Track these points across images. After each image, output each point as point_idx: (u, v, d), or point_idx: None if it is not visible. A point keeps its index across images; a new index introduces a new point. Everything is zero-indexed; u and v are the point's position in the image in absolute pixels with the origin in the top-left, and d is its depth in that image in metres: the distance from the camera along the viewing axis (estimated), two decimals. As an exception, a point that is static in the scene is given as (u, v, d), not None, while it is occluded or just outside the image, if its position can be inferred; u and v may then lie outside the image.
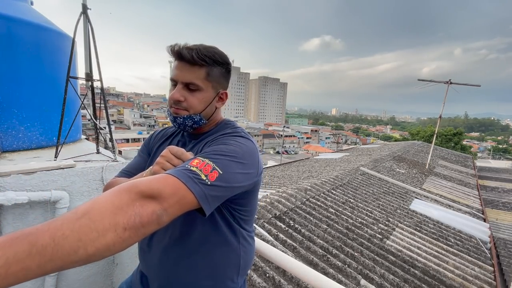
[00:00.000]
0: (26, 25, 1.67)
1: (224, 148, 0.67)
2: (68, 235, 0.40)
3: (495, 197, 6.67)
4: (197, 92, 0.79)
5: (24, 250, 0.37)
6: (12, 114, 1.63)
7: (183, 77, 0.77)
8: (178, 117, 0.80)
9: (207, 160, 0.62)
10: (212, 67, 0.78)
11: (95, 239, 0.42)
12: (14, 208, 1.27)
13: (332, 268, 2.12)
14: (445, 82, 7.29)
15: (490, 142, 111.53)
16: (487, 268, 2.82)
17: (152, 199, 0.51)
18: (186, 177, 0.56)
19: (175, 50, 0.75)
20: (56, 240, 0.39)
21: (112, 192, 0.49)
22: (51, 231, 0.40)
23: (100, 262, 1.63)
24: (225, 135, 0.76)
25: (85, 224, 0.42)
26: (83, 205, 0.45)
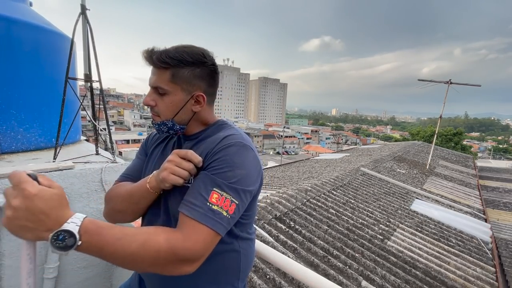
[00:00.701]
0: (24, 26, 1.66)
1: (234, 174, 0.68)
2: (126, 258, 0.59)
3: (496, 197, 6.65)
4: (165, 96, 0.76)
5: (109, 246, 0.57)
6: (10, 116, 1.62)
7: (150, 81, 0.76)
8: (154, 123, 0.80)
9: (225, 194, 0.66)
10: (178, 68, 0.73)
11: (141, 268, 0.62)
12: (12, 210, 1.26)
13: (333, 269, 2.11)
14: (445, 82, 7.28)
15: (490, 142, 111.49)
16: (489, 269, 2.80)
17: (188, 262, 0.61)
18: (213, 222, 0.63)
19: (143, 54, 0.75)
20: (120, 256, 0.59)
21: (154, 249, 0.59)
22: (121, 248, 0.58)
23: (99, 264, 1.62)
24: (226, 146, 0.72)
25: (139, 260, 0.60)
26: (141, 242, 0.59)
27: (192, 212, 0.63)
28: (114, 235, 0.57)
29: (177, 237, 0.61)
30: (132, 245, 0.58)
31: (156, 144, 0.94)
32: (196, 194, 0.66)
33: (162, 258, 0.59)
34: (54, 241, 0.52)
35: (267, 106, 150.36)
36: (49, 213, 0.53)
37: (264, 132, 59.98)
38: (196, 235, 0.62)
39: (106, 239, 0.56)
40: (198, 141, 0.82)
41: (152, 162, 0.89)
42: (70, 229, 0.53)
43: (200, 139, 0.82)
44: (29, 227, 0.53)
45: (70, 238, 0.53)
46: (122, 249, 0.57)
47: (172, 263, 0.60)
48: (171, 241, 0.60)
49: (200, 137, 0.83)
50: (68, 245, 0.53)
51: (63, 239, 0.53)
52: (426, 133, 28.25)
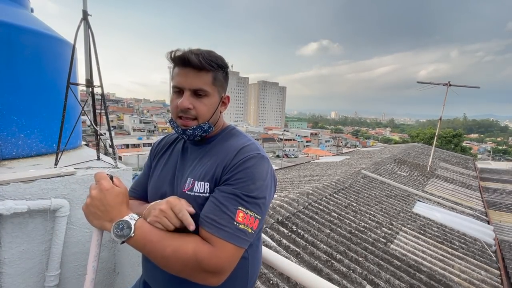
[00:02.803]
0: (26, 32, 1.66)
1: (255, 187, 0.70)
2: (165, 263, 0.67)
3: (498, 198, 6.62)
4: (205, 98, 0.76)
5: (153, 246, 0.66)
6: (11, 121, 1.61)
7: (190, 83, 0.74)
8: (187, 129, 0.76)
9: (249, 212, 0.68)
10: (217, 72, 0.77)
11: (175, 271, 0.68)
12: (13, 217, 1.25)
13: (337, 273, 2.09)
14: (445, 84, 7.31)
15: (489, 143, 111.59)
16: (493, 271, 2.78)
17: (214, 275, 0.65)
18: (240, 240, 0.66)
19: (180, 55, 0.72)
20: (161, 255, 0.66)
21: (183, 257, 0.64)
22: (164, 251, 0.66)
23: (100, 271, 1.60)
24: (245, 159, 0.72)
25: (171, 264, 0.66)
26: (173, 249, 0.65)
27: (220, 232, 0.65)
28: (156, 236, 0.66)
29: (205, 250, 0.64)
30: (166, 250, 0.64)
31: (165, 150, 0.93)
32: (221, 213, 0.67)
33: (189, 267, 0.64)
34: (115, 228, 0.66)
35: (267, 109, 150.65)
36: (114, 206, 0.69)
37: (263, 136, 60.00)
38: (223, 253, 0.65)
39: (150, 238, 0.66)
40: (211, 147, 0.81)
41: (157, 171, 0.88)
42: (129, 221, 0.67)
43: (211, 147, 0.81)
44: (98, 214, 0.69)
45: (127, 228, 0.66)
46: (159, 251, 0.65)
47: (198, 272, 0.64)
48: (198, 253, 0.64)
49: (211, 145, 0.82)
50: (124, 234, 0.65)
51: (122, 228, 0.66)
52: (425, 135, 28.25)
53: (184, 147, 0.88)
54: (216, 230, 0.65)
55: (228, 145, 0.78)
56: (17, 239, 1.28)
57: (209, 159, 0.78)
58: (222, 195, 0.69)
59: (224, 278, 0.66)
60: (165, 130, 55.58)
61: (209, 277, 0.65)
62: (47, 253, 1.38)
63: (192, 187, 0.75)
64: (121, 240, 0.65)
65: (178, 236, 0.67)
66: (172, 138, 0.96)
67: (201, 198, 0.73)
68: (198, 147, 0.84)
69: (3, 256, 1.25)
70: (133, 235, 0.65)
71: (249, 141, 0.79)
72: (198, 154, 0.82)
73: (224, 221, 0.66)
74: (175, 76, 0.76)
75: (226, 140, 0.81)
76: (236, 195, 0.68)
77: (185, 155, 0.85)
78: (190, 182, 0.76)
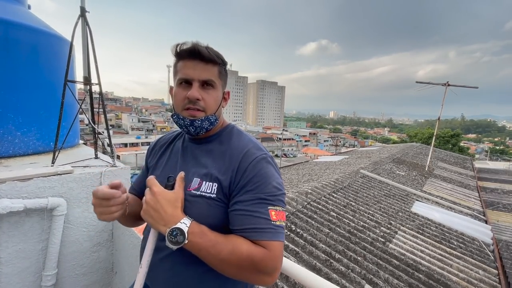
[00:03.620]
0: (23, 29, 1.65)
1: (273, 186, 0.73)
2: (222, 266, 0.68)
3: (496, 198, 6.66)
4: (212, 90, 0.78)
5: (211, 249, 0.67)
6: (8, 119, 1.60)
7: (199, 75, 0.75)
8: (196, 120, 0.76)
9: (278, 207, 0.71)
10: (221, 66, 0.79)
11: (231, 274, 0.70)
12: (10, 216, 1.23)
13: (336, 273, 2.08)
14: (443, 84, 7.33)
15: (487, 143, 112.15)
16: (491, 271, 2.79)
17: (271, 274, 0.67)
18: (281, 235, 0.70)
19: (190, 47, 0.73)
20: (219, 260, 0.67)
21: (239, 258, 0.66)
22: (221, 255, 0.66)
23: (98, 271, 1.59)
24: (255, 162, 0.74)
25: (227, 266, 0.67)
26: (229, 251, 0.66)
27: (266, 235, 0.68)
28: (210, 240, 0.67)
29: (259, 253, 0.66)
30: (222, 252, 0.66)
31: (164, 149, 0.92)
32: (257, 218, 0.69)
33: (245, 268, 0.66)
34: (169, 235, 0.65)
35: (265, 109, 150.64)
36: (166, 209, 0.68)
37: (262, 135, 60.01)
38: (275, 252, 0.67)
39: (205, 243, 0.66)
40: (213, 147, 0.82)
41: (158, 171, 0.88)
42: (182, 228, 0.66)
43: (214, 145, 0.82)
44: (154, 218, 0.69)
45: (181, 236, 0.65)
46: (215, 254, 0.66)
47: (254, 274, 0.66)
48: (253, 256, 0.65)
49: (214, 143, 0.82)
50: (178, 241, 0.65)
51: (175, 235, 0.65)
52: (424, 135, 28.36)
53: (183, 145, 0.87)
54: (262, 235, 0.68)
55: (232, 148, 0.78)
56: (13, 238, 1.26)
57: (213, 159, 0.78)
58: (249, 204, 0.70)
59: (277, 275, 0.69)
60: (163, 129, 55.44)
61: (266, 277, 0.67)
62: (44, 252, 1.37)
63: (199, 186, 0.75)
64: (176, 247, 0.65)
65: (231, 238, 0.69)
66: (170, 136, 0.95)
67: (206, 197, 0.73)
68: (199, 145, 0.83)
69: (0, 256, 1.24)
70: (187, 242, 0.66)
71: (251, 142, 0.79)
72: (200, 152, 0.82)
73: (263, 225, 0.68)
74: (182, 68, 0.76)
75: (229, 141, 0.81)
76: (261, 198, 0.70)
77: (186, 153, 0.85)
78: (197, 181, 0.76)
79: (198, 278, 0.75)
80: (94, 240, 1.57)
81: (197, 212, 0.72)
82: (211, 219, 0.72)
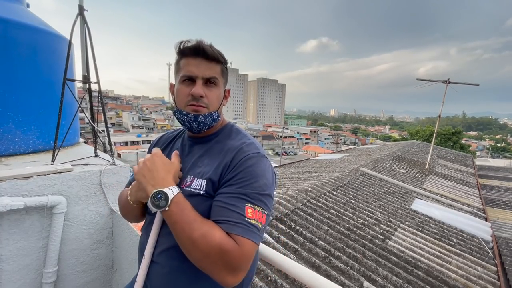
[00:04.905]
0: (22, 28, 1.65)
1: (258, 185, 0.71)
2: (190, 247, 0.65)
3: (496, 196, 6.66)
4: (215, 87, 0.79)
5: (186, 226, 0.66)
6: (8, 118, 1.60)
7: (203, 72, 0.76)
8: (199, 116, 0.77)
9: (257, 207, 0.69)
10: (223, 65, 0.80)
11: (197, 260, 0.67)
12: (10, 214, 1.24)
13: (335, 270, 2.10)
14: (444, 82, 7.30)
15: (488, 141, 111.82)
16: (490, 268, 2.80)
17: (234, 272, 0.64)
18: (254, 235, 0.67)
19: (194, 45, 0.74)
20: (189, 239, 0.65)
21: (209, 243, 0.63)
22: (194, 233, 0.65)
23: (98, 268, 1.61)
24: (245, 159, 0.73)
25: (195, 249, 0.65)
26: (201, 233, 0.64)
27: (235, 229, 0.65)
28: (189, 216, 0.66)
29: (229, 243, 0.64)
30: (195, 232, 0.64)
31: (165, 146, 0.93)
32: (231, 212, 0.67)
33: (211, 255, 0.63)
34: (153, 197, 0.67)
35: (266, 107, 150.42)
36: (159, 171, 0.71)
37: (263, 133, 60.01)
38: (243, 249, 0.64)
39: (182, 217, 0.66)
40: (211, 145, 0.82)
41: None
42: (168, 193, 0.67)
43: (212, 144, 0.82)
44: (146, 177, 0.71)
45: (163, 200, 0.66)
46: (187, 231, 0.65)
47: (218, 266, 0.63)
48: (223, 244, 0.63)
49: (212, 142, 0.83)
50: (160, 205, 0.66)
51: (159, 198, 0.66)
52: (425, 132, 28.29)
53: (183, 144, 0.88)
54: (231, 228, 0.65)
55: (228, 145, 0.79)
56: (14, 236, 1.28)
57: (209, 158, 0.79)
58: (227, 196, 0.69)
59: (241, 279, 0.65)
60: (164, 127, 55.46)
61: (229, 274, 0.63)
62: (45, 249, 1.38)
63: (191, 183, 0.76)
64: (155, 210, 0.66)
65: (208, 222, 0.67)
66: (171, 135, 0.96)
67: (195, 194, 0.74)
68: (198, 144, 0.84)
69: (0, 253, 1.25)
70: (167, 209, 0.66)
71: (248, 140, 0.80)
72: (198, 151, 0.83)
73: (235, 219, 0.66)
74: (185, 66, 0.76)
75: (226, 139, 0.82)
76: (241, 193, 0.69)
77: (185, 152, 0.86)
78: (189, 178, 0.77)
79: (193, 273, 0.75)
80: (94, 237, 1.58)
81: None
82: (202, 215, 0.72)
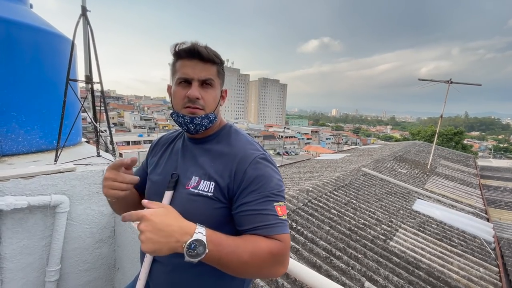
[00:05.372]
0: (25, 28, 1.66)
1: (274, 183, 0.76)
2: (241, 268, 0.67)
3: (498, 196, 6.63)
4: (211, 89, 0.79)
5: (232, 255, 0.65)
6: (11, 118, 1.62)
7: (199, 74, 0.76)
8: (196, 117, 0.78)
9: (281, 203, 0.75)
10: (220, 65, 0.81)
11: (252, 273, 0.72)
12: (14, 213, 1.25)
13: (336, 270, 2.10)
14: (446, 82, 7.27)
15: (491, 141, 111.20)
16: (492, 268, 2.79)
17: (283, 264, 0.70)
18: (287, 228, 0.74)
19: (189, 47, 0.75)
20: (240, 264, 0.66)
21: (262, 257, 0.67)
22: (241, 258, 0.66)
23: (100, 267, 1.62)
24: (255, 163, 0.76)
25: (249, 268, 0.67)
26: (250, 252, 0.66)
27: (277, 230, 0.71)
28: (229, 245, 0.65)
29: (277, 245, 0.69)
30: (244, 256, 0.65)
31: (165, 147, 0.94)
32: (267, 216, 0.72)
33: (266, 263, 0.67)
34: (188, 249, 0.60)
35: (267, 106, 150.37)
36: (171, 223, 0.61)
37: (264, 133, 59.99)
38: (286, 244, 0.71)
39: (225, 250, 0.63)
40: (211, 146, 0.83)
41: (159, 169, 0.89)
42: (200, 238, 0.61)
43: (213, 145, 0.83)
44: (160, 240, 0.59)
45: (200, 247, 0.60)
46: (237, 259, 0.64)
47: (272, 267, 0.68)
48: (273, 249, 0.68)
49: (212, 142, 0.84)
50: (199, 253, 0.60)
51: (194, 248, 0.60)
52: (426, 132, 28.18)
53: (183, 145, 0.88)
54: (274, 230, 0.70)
55: (229, 148, 0.80)
56: (17, 235, 1.29)
57: (212, 159, 0.79)
58: (255, 203, 0.72)
59: (288, 265, 0.73)
60: (165, 127, 55.55)
61: (282, 268, 0.70)
62: (48, 248, 1.39)
63: (198, 185, 0.76)
64: (197, 260, 0.60)
65: (248, 238, 0.70)
66: (172, 136, 0.96)
67: (203, 196, 0.74)
68: (197, 145, 0.84)
69: (3, 252, 1.26)
70: (208, 251, 0.61)
71: (248, 143, 0.82)
72: (198, 152, 0.83)
73: (273, 221, 0.71)
74: (181, 68, 0.77)
75: (226, 140, 0.83)
76: (266, 196, 0.73)
77: (186, 153, 0.86)
78: (195, 180, 0.77)
79: (197, 273, 0.76)
80: (96, 236, 1.59)
81: (194, 211, 0.73)
82: (208, 217, 0.73)
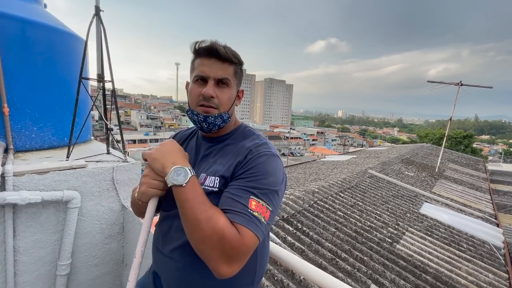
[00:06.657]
0: (39, 27, 1.70)
1: (267, 182, 0.72)
2: (195, 229, 0.67)
3: (508, 201, 6.48)
4: (226, 88, 0.79)
5: (194, 206, 0.68)
6: (25, 115, 1.66)
7: (215, 73, 0.76)
8: (209, 116, 0.78)
9: (261, 201, 0.70)
10: (237, 66, 0.81)
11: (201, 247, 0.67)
12: (28, 207, 1.29)
13: (341, 272, 2.09)
14: (456, 84, 7.15)
15: (501, 145, 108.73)
16: (501, 275, 2.73)
17: (230, 260, 0.64)
18: (256, 227, 0.67)
19: (208, 46, 0.75)
20: (195, 223, 0.66)
21: (213, 226, 0.64)
22: (199, 217, 0.66)
23: (109, 262, 1.64)
24: (257, 156, 0.75)
25: (197, 230, 0.66)
26: (208, 216, 0.66)
27: (237, 218, 0.66)
28: (200, 197, 0.69)
29: (232, 231, 0.64)
30: (202, 213, 0.66)
31: None
32: (235, 202, 0.69)
33: (213, 239, 0.63)
34: (174, 171, 0.70)
35: (273, 107, 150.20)
36: (178, 153, 0.76)
37: (269, 134, 59.94)
38: (244, 239, 0.64)
39: (194, 196, 0.68)
40: (224, 146, 0.83)
41: None
42: (188, 172, 0.71)
43: (225, 145, 0.83)
44: (165, 157, 0.74)
45: (183, 177, 0.69)
46: (195, 211, 0.66)
47: (217, 251, 0.63)
48: (226, 230, 0.64)
49: (225, 142, 0.84)
50: (178, 181, 0.69)
51: (179, 173, 0.70)
52: (435, 135, 27.72)
53: (197, 143, 0.89)
54: (234, 217, 0.66)
55: (241, 145, 0.80)
56: (31, 229, 1.32)
57: (223, 157, 0.80)
58: (234, 188, 0.71)
59: (235, 271, 0.65)
60: (171, 126, 56.00)
61: (223, 262, 0.63)
62: (59, 243, 1.42)
63: (204, 181, 0.77)
64: (172, 184, 0.69)
65: (215, 208, 0.69)
66: (185, 134, 0.97)
67: (208, 191, 0.75)
68: (212, 144, 0.85)
69: (17, 245, 1.30)
70: (185, 185, 0.68)
71: (261, 141, 0.80)
72: (211, 151, 0.84)
73: (238, 209, 0.67)
74: (199, 66, 0.78)
75: (240, 140, 0.83)
76: (248, 186, 0.70)
77: (199, 152, 0.87)
78: (203, 177, 0.78)
79: (207, 268, 0.77)
80: (105, 232, 1.62)
81: None
82: None
